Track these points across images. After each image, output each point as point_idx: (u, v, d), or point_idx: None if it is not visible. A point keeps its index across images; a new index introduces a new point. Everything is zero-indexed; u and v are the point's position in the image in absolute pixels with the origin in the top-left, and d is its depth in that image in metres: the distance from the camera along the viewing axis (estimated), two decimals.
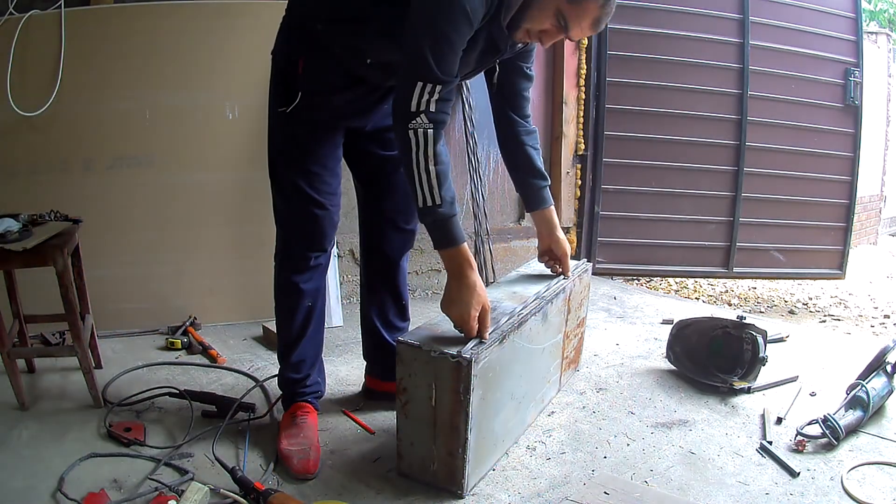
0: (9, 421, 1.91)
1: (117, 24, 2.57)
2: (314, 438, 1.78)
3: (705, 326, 2.32)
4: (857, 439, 1.87)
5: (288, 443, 1.75)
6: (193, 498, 1.46)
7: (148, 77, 2.60)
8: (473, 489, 1.63)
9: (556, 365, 2.09)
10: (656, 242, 3.79)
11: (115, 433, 1.82)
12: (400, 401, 1.61)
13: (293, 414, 1.86)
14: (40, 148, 2.53)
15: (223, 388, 2.19)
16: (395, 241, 2.00)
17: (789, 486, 1.65)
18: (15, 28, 2.41)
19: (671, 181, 3.73)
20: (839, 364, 2.43)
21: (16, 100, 2.42)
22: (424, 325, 1.71)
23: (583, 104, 3.64)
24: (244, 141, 2.72)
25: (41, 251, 1.88)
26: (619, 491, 1.58)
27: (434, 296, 3.38)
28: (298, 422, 1.82)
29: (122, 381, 2.21)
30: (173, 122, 2.65)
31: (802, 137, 3.74)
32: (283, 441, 1.77)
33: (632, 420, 2.01)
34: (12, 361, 1.96)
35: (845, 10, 3.72)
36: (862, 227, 6.14)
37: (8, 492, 1.57)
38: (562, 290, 2.00)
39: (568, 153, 3.65)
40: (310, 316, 1.86)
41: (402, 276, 2.05)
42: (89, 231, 2.25)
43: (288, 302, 1.85)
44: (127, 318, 2.68)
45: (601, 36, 3.58)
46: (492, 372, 1.60)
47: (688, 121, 3.66)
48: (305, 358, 1.89)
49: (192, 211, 2.71)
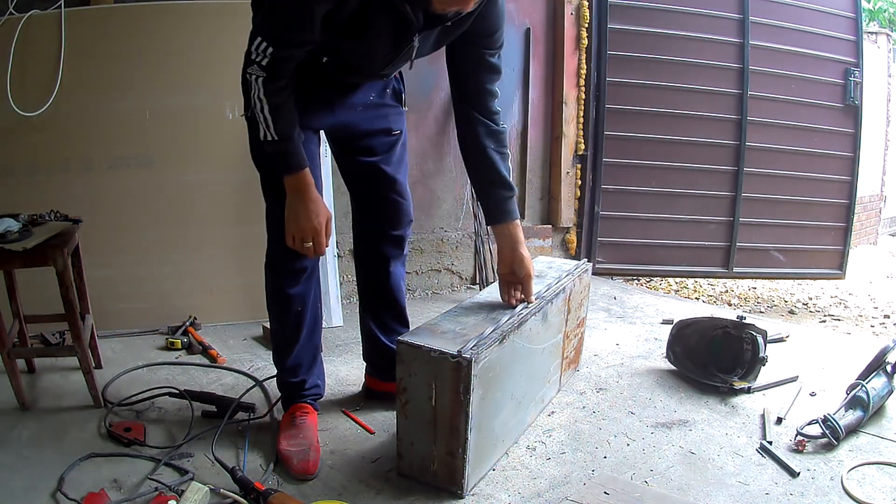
0: (9, 421, 1.91)
1: (117, 24, 2.57)
2: (314, 439, 1.78)
3: (705, 326, 2.32)
4: (857, 439, 1.87)
5: (287, 443, 1.75)
6: (193, 498, 1.45)
7: (148, 77, 2.60)
8: (473, 489, 1.63)
9: (556, 365, 2.09)
10: (656, 242, 3.79)
11: (115, 433, 1.81)
12: (400, 401, 1.61)
13: (292, 415, 1.85)
14: (40, 148, 2.53)
15: (223, 388, 2.19)
16: (385, 247, 1.98)
17: (789, 486, 1.65)
18: (15, 28, 2.41)
19: (671, 181, 3.73)
20: (839, 364, 2.43)
21: (16, 100, 2.42)
22: (424, 325, 1.71)
23: (583, 104, 3.64)
24: (244, 141, 2.69)
25: (41, 251, 1.88)
26: (619, 491, 1.58)
27: (434, 296, 3.38)
28: (298, 422, 1.82)
29: (122, 381, 2.21)
30: (173, 122, 2.65)
31: (802, 137, 3.75)
32: (283, 442, 1.76)
33: (632, 420, 2.01)
34: (12, 361, 1.96)
35: (845, 10, 3.73)
36: (862, 227, 6.15)
37: (8, 492, 1.57)
38: (562, 290, 2.00)
39: (568, 153, 3.65)
40: (300, 321, 1.84)
41: (396, 280, 2.03)
42: (89, 231, 2.25)
43: (278, 308, 1.84)
44: (127, 318, 2.68)
45: (601, 36, 3.59)
46: (492, 372, 1.60)
47: (688, 121, 3.67)
48: (301, 362, 1.89)
49: (191, 211, 2.71)
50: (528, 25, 3.50)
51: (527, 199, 3.65)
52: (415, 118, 3.25)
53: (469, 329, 1.65)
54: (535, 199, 3.70)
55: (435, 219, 3.39)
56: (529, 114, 3.57)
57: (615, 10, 3.59)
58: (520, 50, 3.51)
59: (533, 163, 3.64)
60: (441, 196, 3.39)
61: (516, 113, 3.56)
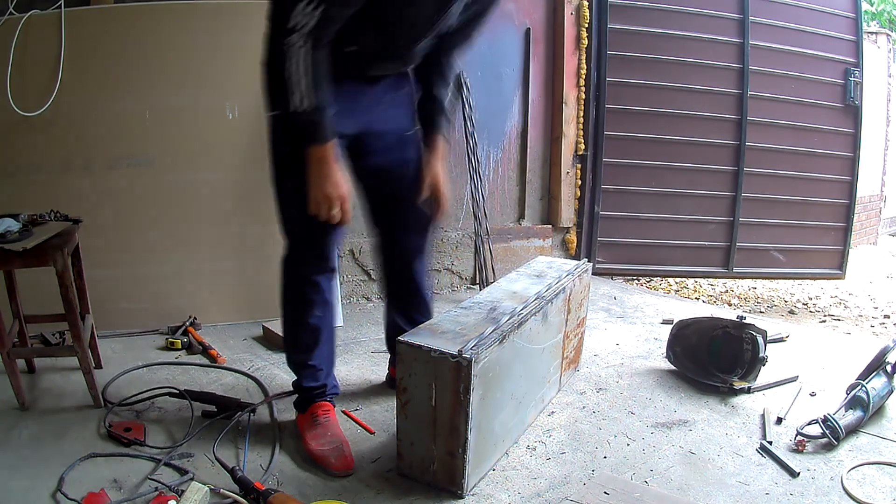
0: (9, 421, 1.91)
1: (117, 24, 2.56)
2: (341, 434, 1.80)
3: (705, 326, 2.32)
4: (857, 439, 1.87)
5: (317, 443, 1.76)
6: (193, 498, 1.46)
7: (148, 77, 2.59)
8: (473, 489, 1.63)
9: (556, 365, 2.09)
10: (656, 242, 3.79)
11: (115, 433, 1.82)
12: (400, 401, 1.61)
13: (314, 415, 1.85)
14: (40, 148, 2.53)
15: (223, 388, 2.19)
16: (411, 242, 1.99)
17: (789, 486, 1.65)
18: (15, 28, 2.41)
19: (671, 181, 3.73)
20: (839, 364, 2.43)
21: (16, 100, 2.42)
22: (424, 325, 1.71)
23: (583, 104, 3.64)
24: (244, 141, 2.72)
25: (41, 251, 1.88)
26: (619, 491, 1.58)
27: (434, 296, 3.37)
28: (322, 421, 1.83)
29: (122, 381, 2.21)
30: (173, 122, 2.65)
31: (802, 137, 3.75)
32: (312, 443, 1.77)
33: (632, 420, 2.01)
34: (12, 361, 1.96)
35: (845, 10, 3.72)
36: (862, 227, 6.14)
37: (8, 492, 1.57)
38: (562, 290, 2.00)
39: (568, 153, 3.65)
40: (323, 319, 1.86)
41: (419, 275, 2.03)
42: (89, 231, 2.25)
43: (302, 306, 1.84)
44: (127, 318, 2.68)
45: (601, 36, 3.59)
46: (492, 372, 1.60)
47: (688, 121, 3.66)
48: (323, 364, 1.90)
49: (192, 211, 2.71)
50: (528, 25, 3.50)
51: (527, 199, 3.65)
52: None
53: (469, 329, 1.65)
54: (535, 199, 3.70)
55: None
56: (529, 114, 3.57)
57: (615, 10, 3.59)
58: (520, 50, 3.51)
59: (533, 163, 3.64)
60: None
61: (516, 113, 3.55)
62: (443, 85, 1.90)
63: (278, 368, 2.35)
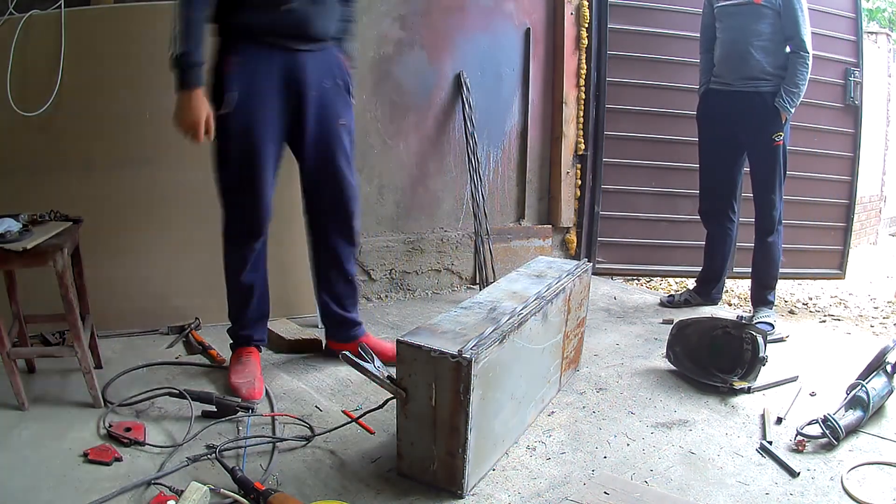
0: (9, 421, 1.91)
1: (117, 24, 2.56)
2: (257, 372, 2.17)
3: (705, 326, 2.32)
4: (857, 439, 1.87)
5: (236, 377, 2.14)
6: (193, 498, 1.46)
7: (148, 77, 2.58)
8: (473, 489, 1.63)
9: (556, 365, 2.09)
10: (656, 242, 3.79)
11: (115, 433, 1.81)
12: (400, 401, 1.61)
13: (239, 356, 2.23)
14: (40, 148, 2.53)
15: (223, 388, 2.19)
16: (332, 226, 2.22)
17: (789, 486, 1.65)
18: (15, 28, 2.41)
19: (671, 181, 3.73)
20: (839, 364, 2.43)
21: (16, 100, 2.42)
22: (424, 325, 1.71)
23: (583, 104, 3.64)
24: None
25: (41, 251, 1.88)
26: (619, 491, 1.58)
27: (434, 296, 3.38)
28: (244, 360, 2.20)
29: (122, 381, 2.21)
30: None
31: (802, 137, 3.74)
32: (233, 377, 2.15)
33: (632, 420, 2.02)
34: (12, 361, 1.96)
35: (845, 10, 3.72)
36: (862, 227, 6.14)
37: (8, 492, 1.57)
38: (562, 290, 2.00)
39: (568, 153, 3.65)
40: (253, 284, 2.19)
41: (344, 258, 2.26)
42: (89, 231, 2.25)
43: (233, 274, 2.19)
44: (127, 318, 2.68)
45: (601, 36, 3.59)
46: (492, 372, 1.60)
47: (688, 121, 3.64)
48: (251, 318, 2.24)
49: (191, 210, 2.71)
50: (528, 25, 3.50)
51: (527, 199, 3.65)
52: (415, 118, 3.25)
53: (469, 329, 1.65)
54: (535, 199, 3.70)
55: (435, 219, 3.39)
56: (529, 114, 3.57)
57: (615, 10, 3.59)
58: (520, 50, 3.51)
59: (533, 163, 3.64)
60: (441, 196, 3.39)
61: (516, 113, 3.55)
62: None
63: (278, 368, 2.35)
